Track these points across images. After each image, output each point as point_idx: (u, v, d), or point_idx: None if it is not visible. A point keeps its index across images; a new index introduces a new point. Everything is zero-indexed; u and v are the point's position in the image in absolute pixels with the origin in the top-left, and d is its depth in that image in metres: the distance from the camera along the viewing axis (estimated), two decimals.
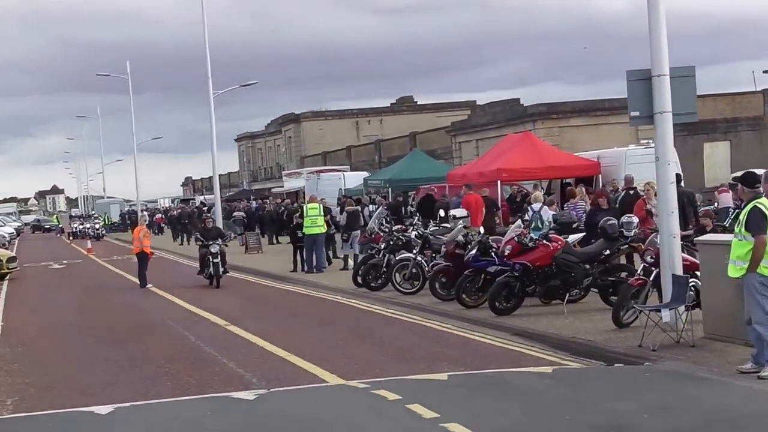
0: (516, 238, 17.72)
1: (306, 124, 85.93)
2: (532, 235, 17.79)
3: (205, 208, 68.22)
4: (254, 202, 61.06)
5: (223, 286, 27.11)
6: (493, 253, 18.52)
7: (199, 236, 29.02)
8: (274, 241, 47.77)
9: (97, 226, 74.23)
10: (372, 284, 23.21)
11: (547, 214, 22.65)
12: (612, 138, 43.36)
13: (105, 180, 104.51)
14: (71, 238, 75.81)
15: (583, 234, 19.25)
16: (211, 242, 27.51)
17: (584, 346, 14.20)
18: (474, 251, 18.70)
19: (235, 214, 54.29)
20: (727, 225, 20.79)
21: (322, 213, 29.78)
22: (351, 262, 29.00)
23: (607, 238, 17.56)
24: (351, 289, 23.85)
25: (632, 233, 17.37)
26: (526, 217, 23.39)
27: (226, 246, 29.81)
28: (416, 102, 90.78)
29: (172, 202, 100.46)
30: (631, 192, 26.09)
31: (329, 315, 20.14)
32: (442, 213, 23.22)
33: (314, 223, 29.23)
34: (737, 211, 17.67)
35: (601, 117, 46.21)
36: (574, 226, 20.99)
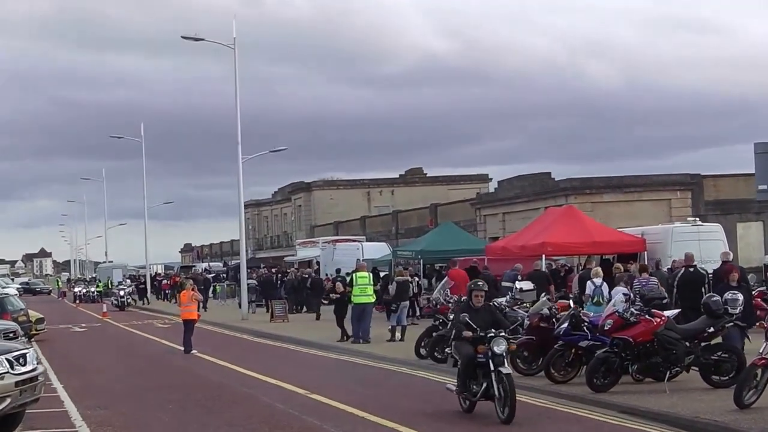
0: (618, 313, 17.19)
1: (317, 193, 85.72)
2: (620, 310, 17.23)
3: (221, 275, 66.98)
4: (263, 271, 60.52)
5: (272, 356, 26.20)
6: (585, 327, 18.01)
7: (467, 320, 15.14)
8: (294, 309, 47.25)
9: (122, 293, 61.11)
10: (437, 356, 22.50)
11: (607, 289, 22.23)
12: (645, 214, 43.14)
13: (107, 244, 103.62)
14: (77, 301, 76.04)
15: (678, 311, 18.76)
16: (491, 334, 14.97)
17: (713, 426, 13.64)
18: (566, 325, 18.16)
19: (248, 282, 53.62)
20: None
21: (372, 282, 29.28)
22: (398, 335, 28.41)
23: (710, 315, 17.06)
24: (413, 360, 23.15)
25: (737, 311, 16.90)
26: (588, 292, 22.96)
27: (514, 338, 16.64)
28: (426, 174, 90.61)
29: (165, 269, 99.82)
30: (691, 270, 25.64)
31: (407, 386, 19.50)
32: (518, 285, 22.68)
33: (364, 292, 28.59)
34: None
35: (635, 193, 46.04)
36: (664, 302, 20.47)
